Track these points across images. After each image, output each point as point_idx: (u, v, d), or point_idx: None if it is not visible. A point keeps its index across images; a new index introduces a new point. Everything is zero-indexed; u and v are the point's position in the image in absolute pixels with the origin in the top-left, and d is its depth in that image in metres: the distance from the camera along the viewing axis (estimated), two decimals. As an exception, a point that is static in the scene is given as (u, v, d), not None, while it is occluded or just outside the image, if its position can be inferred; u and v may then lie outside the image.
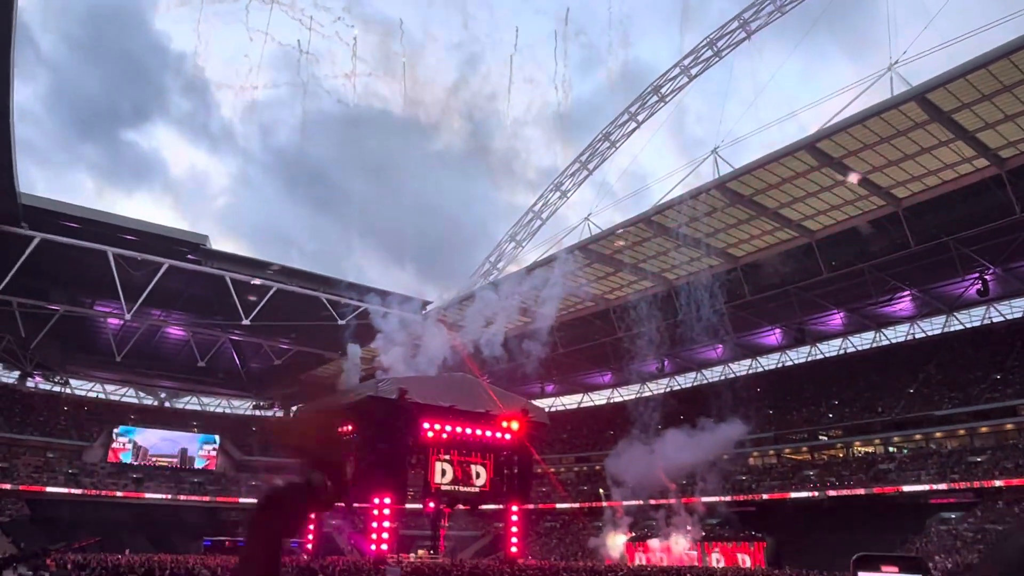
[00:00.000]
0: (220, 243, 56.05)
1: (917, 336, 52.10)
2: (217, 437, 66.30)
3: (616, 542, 47.02)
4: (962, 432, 43.69)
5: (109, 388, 67.17)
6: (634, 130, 53.99)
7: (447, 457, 39.35)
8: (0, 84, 29.11)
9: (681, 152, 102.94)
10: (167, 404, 69.70)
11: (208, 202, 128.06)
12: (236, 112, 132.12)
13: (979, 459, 41.04)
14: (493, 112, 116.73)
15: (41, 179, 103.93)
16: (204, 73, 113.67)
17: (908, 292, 47.19)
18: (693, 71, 49.71)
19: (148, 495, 58.84)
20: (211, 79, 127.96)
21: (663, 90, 51.52)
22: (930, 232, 37.97)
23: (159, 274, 42.95)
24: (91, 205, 52.94)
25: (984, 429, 42.78)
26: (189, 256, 44.90)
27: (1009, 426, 41.79)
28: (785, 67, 48.30)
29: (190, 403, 71.06)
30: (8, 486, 52.89)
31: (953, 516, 39.60)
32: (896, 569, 0.99)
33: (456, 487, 39.53)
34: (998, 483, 38.44)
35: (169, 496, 59.57)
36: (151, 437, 63.44)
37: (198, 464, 64.41)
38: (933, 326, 51.45)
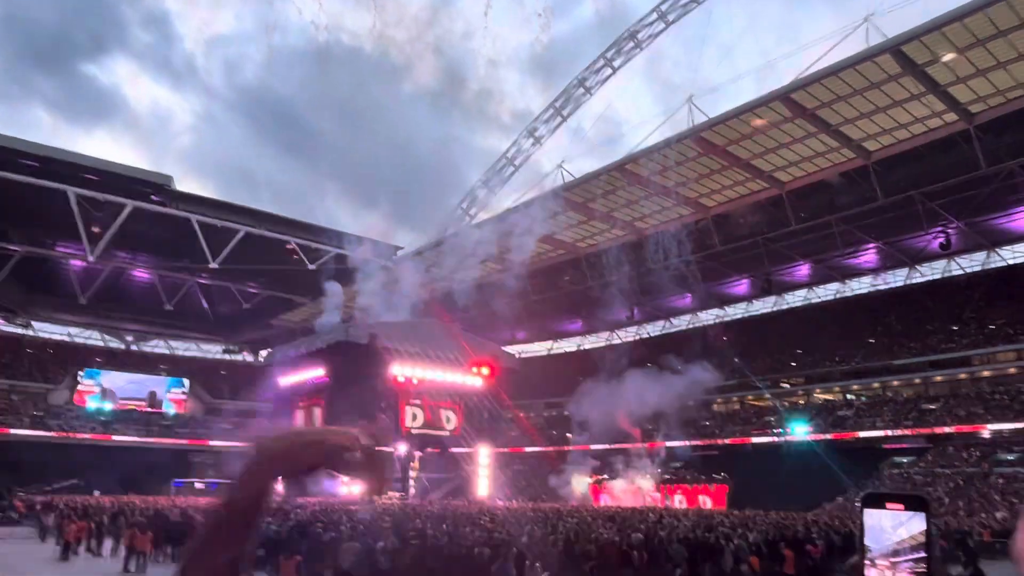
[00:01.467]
0: (185, 184, 54.84)
1: (879, 288, 53.32)
2: (186, 381, 66.04)
3: (578, 482, 48.31)
4: (917, 381, 45.22)
5: (74, 331, 66.18)
6: (610, 76, 53.33)
7: (418, 401, 39.79)
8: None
9: (657, 99, 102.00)
10: (134, 347, 69.02)
11: (171, 140, 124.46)
12: (199, 46, 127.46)
13: (932, 407, 42.62)
14: (467, 52, 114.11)
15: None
16: (165, 3, 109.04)
17: (873, 244, 48.03)
18: (670, 16, 48.94)
19: (116, 437, 58.69)
20: (172, 9, 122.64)
21: (639, 36, 50.75)
22: (898, 186, 38.45)
23: (123, 216, 41.98)
24: (49, 142, 51.29)
25: (939, 378, 44.32)
26: (153, 197, 43.88)
27: (962, 375, 43.33)
28: (764, 13, 47.82)
29: (158, 346, 70.43)
30: (-28, 428, 52.35)
31: (905, 460, 41.28)
32: (901, 506, 1.03)
33: (427, 430, 40.08)
34: (949, 429, 40.04)
35: (138, 439, 59.48)
36: (118, 380, 62.95)
37: (167, 407, 64.25)
38: (896, 278, 52.65)
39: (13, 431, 54.18)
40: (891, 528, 0.80)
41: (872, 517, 0.81)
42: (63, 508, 30.42)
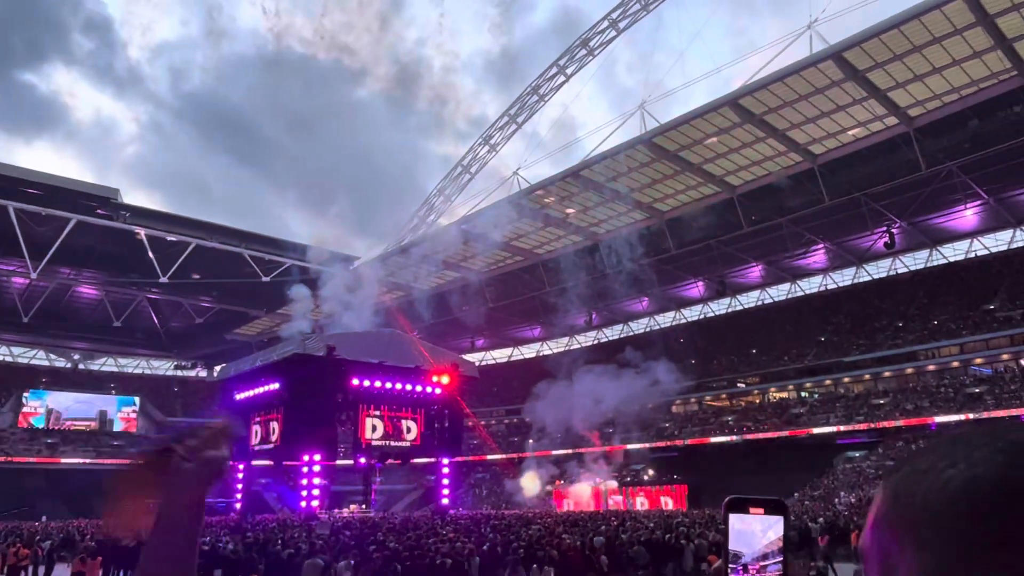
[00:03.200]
0: (132, 196, 53.49)
1: (829, 287, 54.78)
2: (137, 399, 64.18)
3: (530, 484, 48.46)
4: (867, 377, 46.49)
5: (17, 350, 63.81)
6: (563, 83, 53.81)
7: (377, 412, 39.29)
8: None
9: (613, 103, 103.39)
10: (81, 366, 66.85)
11: (116, 151, 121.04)
12: (144, 53, 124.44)
13: (882, 402, 43.85)
14: (421, 58, 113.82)
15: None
16: (107, 9, 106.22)
17: (822, 245, 49.35)
18: (621, 24, 49.62)
19: (65, 460, 56.67)
20: (114, 16, 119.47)
21: (591, 43, 51.34)
22: (843, 188, 39.62)
23: (67, 230, 40.69)
24: (-13, 155, 49.29)
25: (887, 374, 45.63)
26: (99, 211, 42.62)
27: (909, 370, 44.69)
28: (713, 19, 48.90)
29: (106, 364, 68.34)
30: (-92, 455, 50.04)
31: (857, 455, 42.35)
32: (762, 511, 1.06)
33: (387, 442, 39.62)
34: (898, 423, 41.23)
35: (88, 460, 57.54)
36: (65, 400, 60.81)
37: (117, 427, 62.32)
38: (844, 277, 54.19)
39: (-48, 457, 51.97)
40: (757, 532, 0.82)
41: (737, 522, 0.83)
42: (7, 535, 29.22)
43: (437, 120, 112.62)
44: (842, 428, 43.27)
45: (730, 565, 0.79)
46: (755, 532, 0.80)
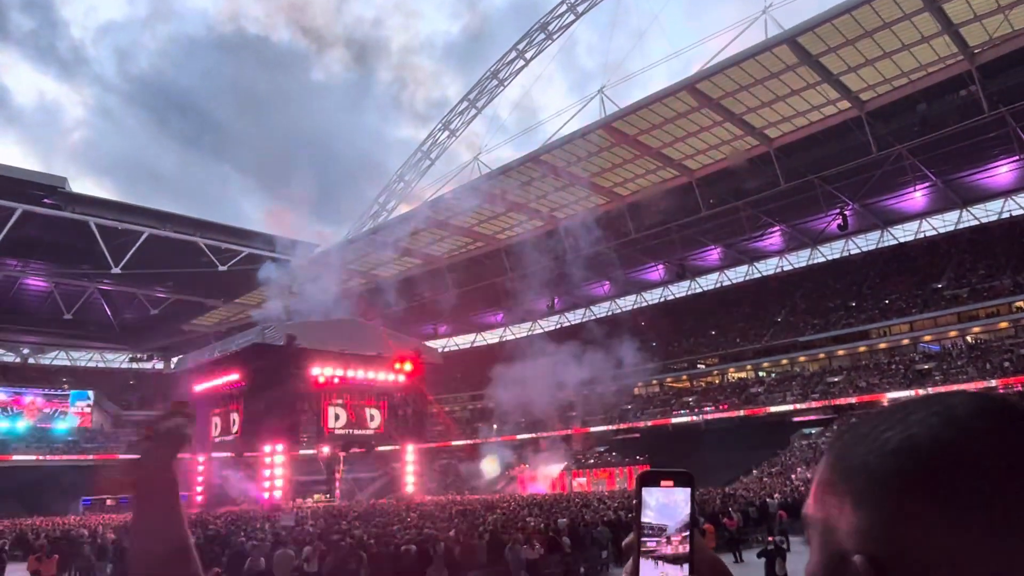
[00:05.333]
0: (80, 184, 51.87)
1: (785, 269, 55.92)
2: (91, 393, 62.55)
3: (489, 467, 48.87)
4: (822, 356, 47.67)
5: (-38, 346, 61.63)
6: (522, 68, 53.67)
7: (340, 401, 39.07)
8: None
9: (573, 86, 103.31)
10: (31, 360, 64.88)
11: (62, 137, 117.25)
12: (88, 33, 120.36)
13: (836, 379, 45.04)
14: (378, 40, 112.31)
15: None
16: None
17: (778, 227, 50.28)
18: (580, 8, 49.59)
19: (15, 457, 55.07)
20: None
21: (550, 27, 51.25)
22: (798, 171, 40.37)
23: (11, 221, 39.29)
24: (-77, 144, 47.16)
25: (841, 352, 46.85)
26: (46, 200, 41.21)
27: (862, 348, 45.96)
28: (672, 1, 49.05)
29: (58, 358, 66.44)
30: None
31: (813, 432, 43.48)
32: (672, 483, 1.09)
33: (350, 430, 39.44)
34: (852, 400, 42.40)
35: (39, 456, 56.02)
36: (15, 395, 59.05)
37: (70, 422, 60.74)
38: (799, 259, 55.35)
39: None
40: (676, 504, 0.84)
41: (652, 495, 0.84)
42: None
43: (396, 103, 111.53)
44: (798, 406, 44.33)
45: (655, 538, 0.81)
46: (676, 504, 0.82)
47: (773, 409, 45.48)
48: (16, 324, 59.04)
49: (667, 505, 0.82)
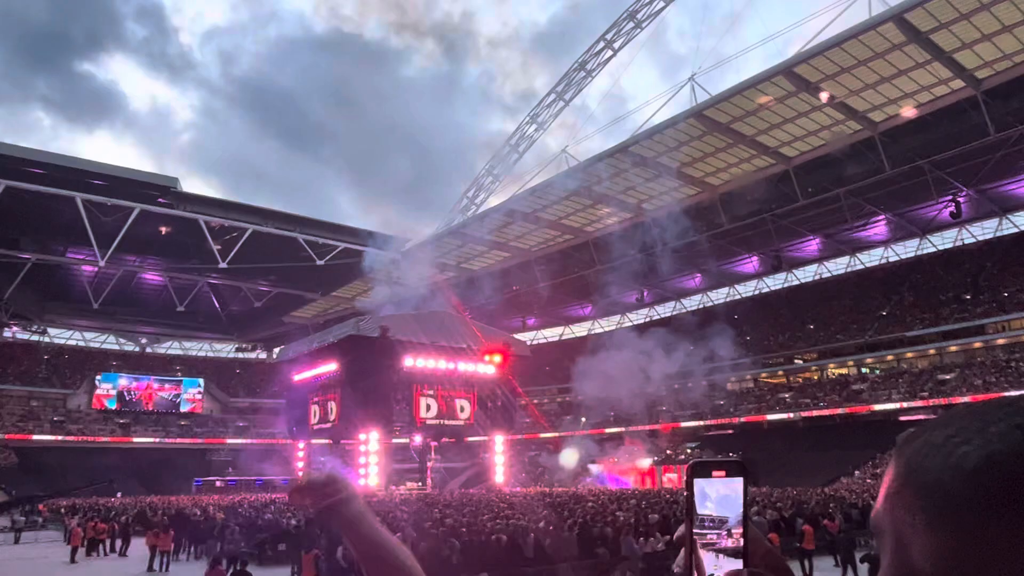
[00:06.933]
0: (190, 183, 55.04)
1: (891, 259, 52.94)
2: (201, 380, 66.55)
3: (568, 459, 48.66)
4: (932, 352, 44.95)
5: (89, 335, 66.79)
6: (610, 58, 53.02)
7: (431, 392, 39.92)
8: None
9: (664, 72, 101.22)
10: (148, 350, 69.57)
11: (172, 138, 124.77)
12: (195, 39, 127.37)
13: (948, 377, 42.38)
14: (467, 33, 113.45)
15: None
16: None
17: (883, 216, 47.67)
18: (669, -5, 48.49)
19: (136, 439, 59.35)
20: (165, 2, 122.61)
21: (639, 16, 50.34)
22: (905, 156, 38.07)
23: (131, 219, 42.17)
24: (50, 144, 51.45)
25: (953, 348, 44.03)
26: (160, 200, 43.97)
27: (977, 344, 43.03)
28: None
29: (172, 348, 70.95)
30: (-6, 435, 53.13)
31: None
32: (724, 473, 1.04)
33: (441, 421, 40.25)
34: (965, 399, 39.81)
35: (157, 440, 60.13)
36: (135, 382, 63.58)
37: (183, 408, 64.82)
38: (906, 249, 52.26)
39: (35, 437, 54.92)
40: (723, 496, 0.83)
41: (703, 486, 0.83)
42: (87, 511, 30.84)
43: (485, 96, 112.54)
44: (906, 404, 42.03)
45: (715, 530, 0.80)
46: (732, 495, 0.81)
47: (877, 407, 43.30)
48: (135, 315, 63.53)
49: (724, 496, 0.81)
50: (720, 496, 0.82)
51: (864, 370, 48.44)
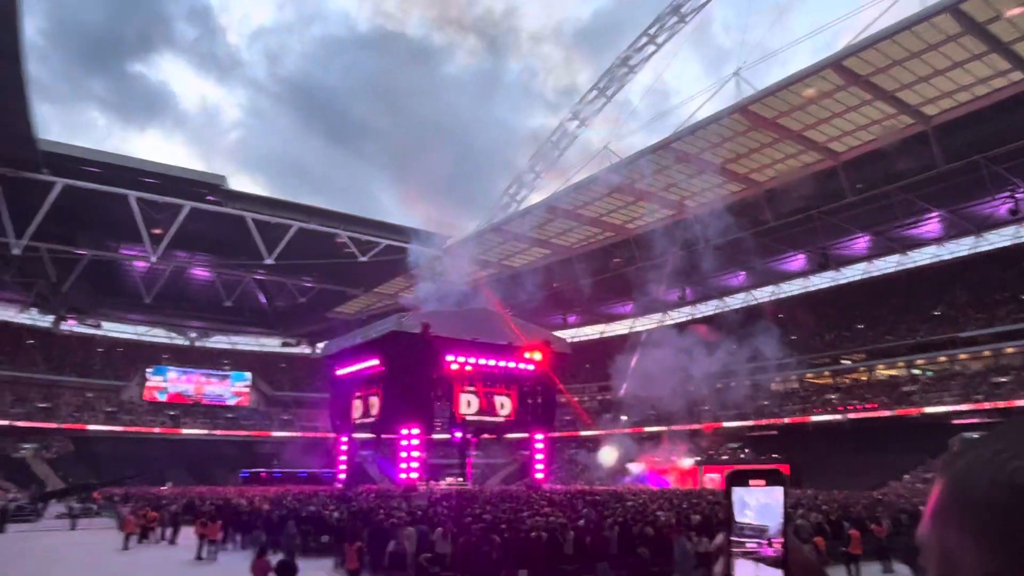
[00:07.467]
0: (237, 180, 56.23)
1: (944, 258, 51.27)
2: (248, 374, 68.02)
3: (607, 456, 48.44)
4: (987, 353, 43.46)
5: (141, 329, 68.82)
6: (653, 53, 52.43)
7: (472, 388, 40.08)
8: (9, 29, 28.85)
9: (708, 66, 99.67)
10: (197, 344, 71.38)
11: (221, 136, 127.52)
12: (242, 39, 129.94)
13: (1004, 379, 40.93)
14: (509, 28, 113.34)
15: (53, 118, 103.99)
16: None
17: (936, 213, 46.17)
18: (714, -12, 47.73)
19: (185, 431, 60.99)
20: (213, 3, 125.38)
21: (683, 9, 49.66)
22: (960, 150, 36.81)
23: (181, 216, 43.32)
24: (105, 143, 53.15)
25: (1010, 350, 42.48)
26: (209, 197, 45.07)
27: (1036, 346, 41.47)
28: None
29: (220, 342, 72.65)
30: (52, 425, 55.10)
31: (976, 436, 39.85)
32: (763, 482, 1.02)
33: (481, 417, 40.40)
34: (1022, 402, 38.41)
35: (205, 431, 61.69)
36: (185, 375, 65.32)
37: (231, 401, 66.35)
38: (961, 247, 50.51)
39: (90, 427, 56.85)
40: (763, 504, 0.82)
41: (742, 494, 0.82)
42: (139, 499, 31.82)
43: (526, 92, 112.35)
44: (959, 408, 40.73)
45: (754, 539, 0.79)
46: (771, 504, 0.80)
47: (929, 410, 42.06)
48: (185, 310, 65.27)
49: (764, 505, 0.80)
50: (760, 505, 0.81)
51: (915, 371, 47.09)
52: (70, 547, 23.06)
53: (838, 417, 46.28)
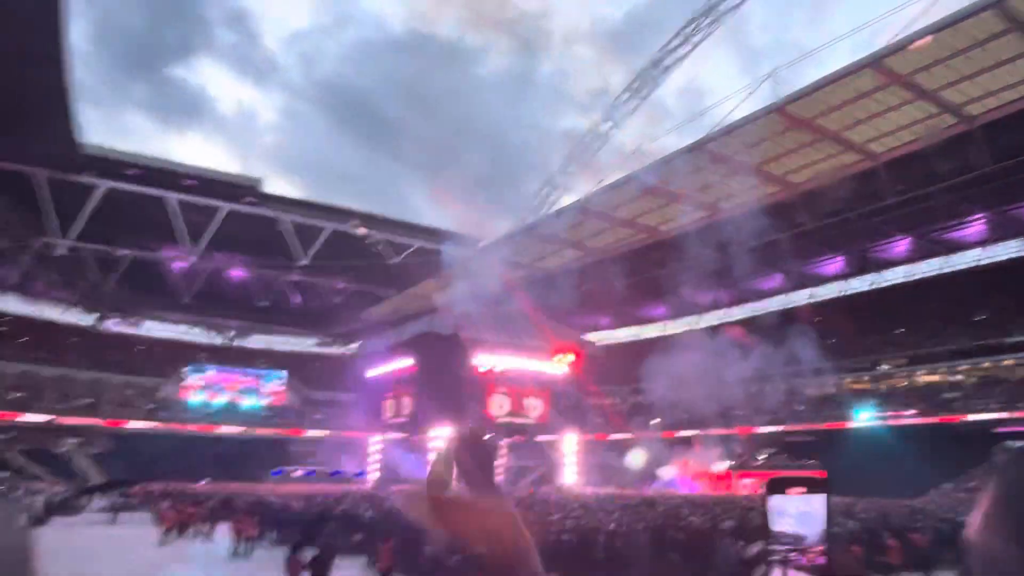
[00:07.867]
0: (272, 182, 57.05)
1: (988, 261, 49.86)
2: (284, 373, 68.96)
3: (635, 459, 48.00)
4: (1034, 360, 42.21)
5: (180, 328, 70.14)
6: (688, 54, 51.94)
7: (503, 389, 40.14)
8: (54, 37, 29.68)
9: (744, 65, 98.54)
10: (235, 343, 72.55)
11: (258, 138, 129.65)
12: (278, 43, 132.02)
13: (1052, 387, 39.71)
14: (543, 31, 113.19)
15: (96, 121, 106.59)
16: (242, 1, 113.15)
17: (981, 215, 44.98)
18: (750, -13, 47.12)
19: (222, 428, 62.05)
20: (252, 8, 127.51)
21: (719, 8, 49.10)
22: (1007, 150, 35.76)
23: (218, 218, 44.13)
24: (146, 146, 54.33)
25: (1058, 356, 41.21)
26: (246, 199, 45.87)
27: (1086, 353, 40.14)
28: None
29: (256, 342, 73.73)
30: (95, 421, 56.51)
31: (1020, 445, 38.70)
32: (804, 489, 1.00)
33: (512, 419, 40.44)
34: (1071, 411, 37.23)
35: (240, 429, 62.70)
36: (222, 374, 66.46)
37: (266, 399, 67.34)
38: (1007, 250, 49.06)
39: (130, 424, 58.18)
40: (803, 512, 0.81)
41: (781, 502, 0.81)
42: (176, 494, 32.45)
43: (558, 93, 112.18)
44: (1005, 415, 39.58)
45: (792, 548, 0.78)
46: (812, 512, 0.79)
47: (972, 417, 40.95)
48: (222, 309, 66.42)
49: (804, 513, 0.79)
50: (800, 513, 0.80)
51: (957, 377, 45.89)
52: (112, 540, 23.63)
53: (876, 423, 45.31)
